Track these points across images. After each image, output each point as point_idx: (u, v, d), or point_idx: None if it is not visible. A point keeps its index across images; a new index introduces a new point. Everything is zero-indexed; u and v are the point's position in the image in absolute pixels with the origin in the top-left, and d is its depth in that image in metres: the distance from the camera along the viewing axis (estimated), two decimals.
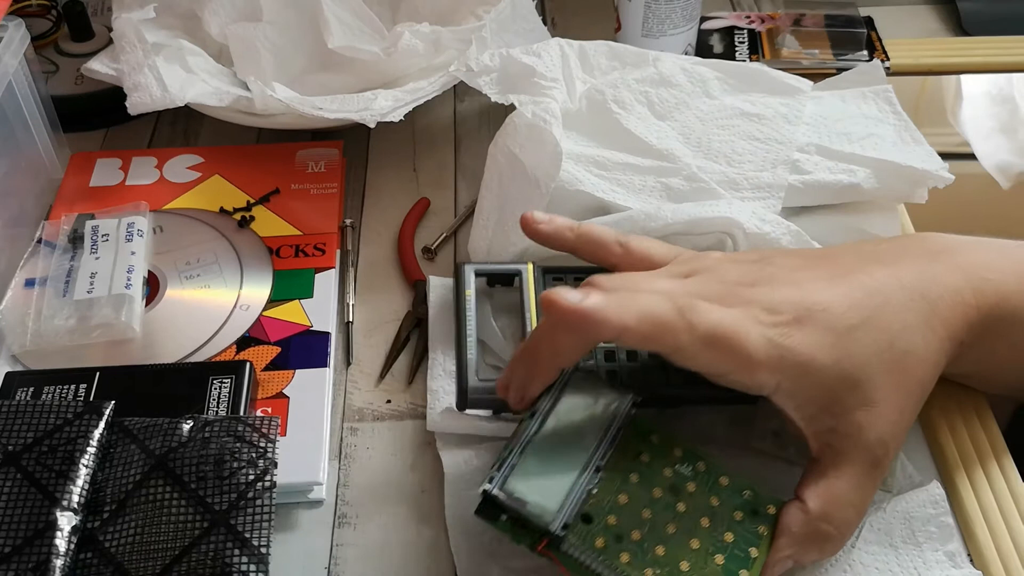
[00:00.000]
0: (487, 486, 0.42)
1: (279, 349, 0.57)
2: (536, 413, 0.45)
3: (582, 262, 0.59)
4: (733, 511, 0.44)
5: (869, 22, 0.82)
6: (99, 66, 0.70)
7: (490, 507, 0.43)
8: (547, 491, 0.42)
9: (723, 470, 0.45)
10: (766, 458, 0.51)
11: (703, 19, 0.81)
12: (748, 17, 0.83)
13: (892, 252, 0.49)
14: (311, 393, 0.55)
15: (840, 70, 0.75)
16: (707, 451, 0.46)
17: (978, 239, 0.51)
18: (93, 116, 0.76)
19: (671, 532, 0.43)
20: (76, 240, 0.62)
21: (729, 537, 0.43)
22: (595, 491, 0.43)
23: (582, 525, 0.42)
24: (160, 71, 0.68)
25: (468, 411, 0.52)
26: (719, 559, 0.43)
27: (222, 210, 0.66)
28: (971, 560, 0.47)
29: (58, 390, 0.52)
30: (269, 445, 0.48)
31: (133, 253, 0.61)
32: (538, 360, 0.45)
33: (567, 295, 0.42)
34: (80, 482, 0.46)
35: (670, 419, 0.53)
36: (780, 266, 0.48)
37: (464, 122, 0.76)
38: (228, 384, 0.53)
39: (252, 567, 0.44)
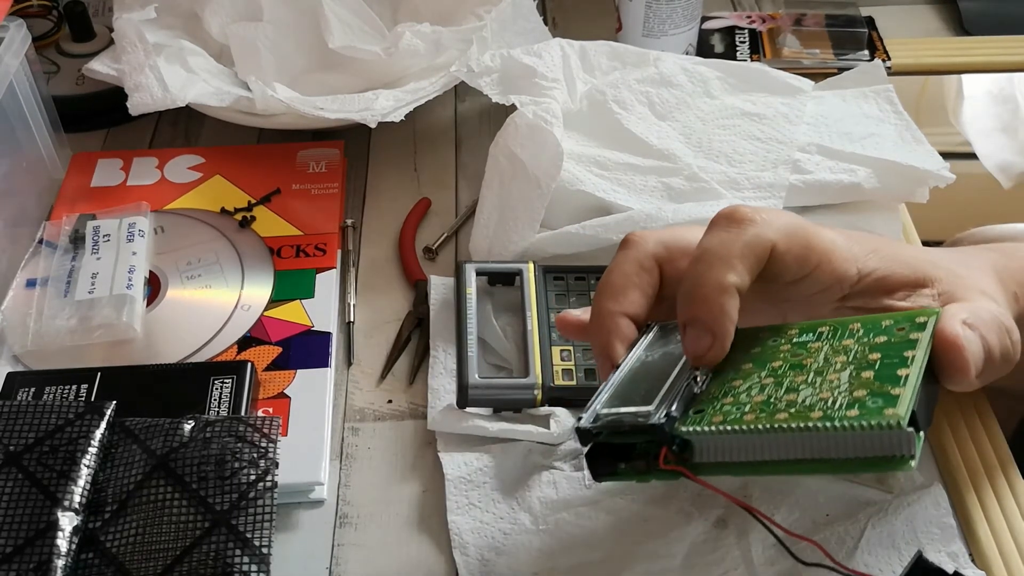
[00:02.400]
0: (578, 424, 0.38)
1: (280, 349, 0.57)
2: (619, 365, 0.41)
3: (582, 262, 0.60)
4: (875, 338, 0.39)
5: (870, 22, 0.82)
6: (100, 66, 0.70)
7: (601, 460, 0.39)
8: (641, 400, 0.38)
9: (852, 320, 0.41)
10: None
11: (704, 19, 0.81)
12: (749, 17, 0.83)
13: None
14: (312, 393, 0.55)
15: (841, 70, 0.75)
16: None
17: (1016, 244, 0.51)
18: (94, 116, 0.76)
19: (802, 379, 0.38)
20: (77, 240, 0.62)
21: (875, 356, 0.38)
22: (700, 390, 0.39)
23: (693, 416, 0.38)
24: (161, 71, 0.68)
25: (468, 409, 0.52)
26: (867, 374, 0.37)
27: (223, 210, 0.66)
28: (973, 560, 0.47)
29: (59, 390, 0.52)
30: (270, 445, 0.48)
31: (134, 253, 0.61)
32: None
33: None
34: (81, 482, 0.46)
35: None
36: None
37: (465, 122, 0.76)
38: (229, 384, 0.53)
39: (253, 567, 0.44)
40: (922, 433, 0.35)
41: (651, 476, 0.39)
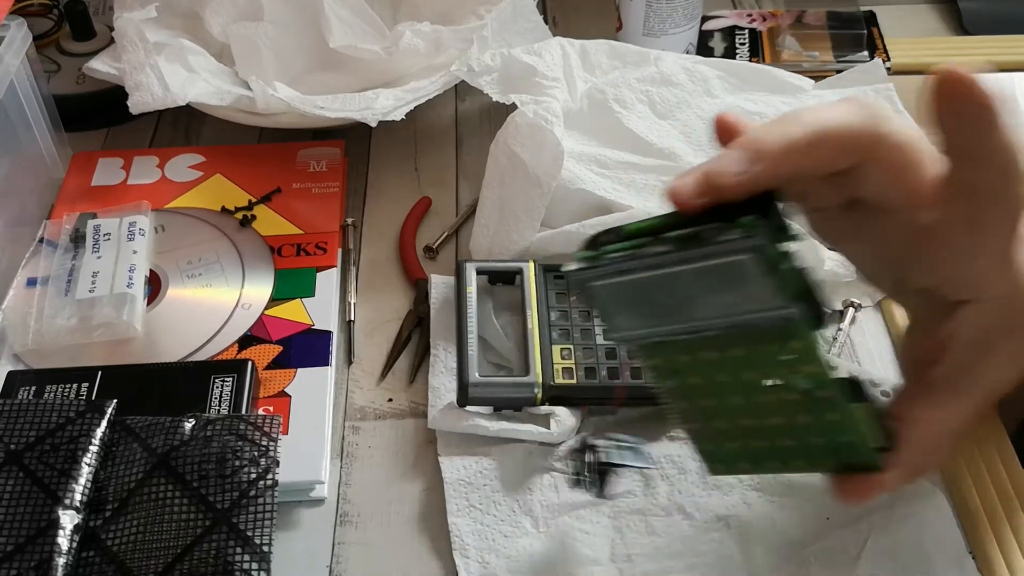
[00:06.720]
0: (570, 264, 0.37)
1: (281, 348, 0.57)
2: (682, 246, 0.34)
3: None
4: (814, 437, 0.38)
5: (871, 17, 0.82)
6: (101, 65, 0.70)
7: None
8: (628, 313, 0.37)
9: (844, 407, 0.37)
10: None
11: (704, 19, 0.81)
12: (749, 15, 0.83)
13: None
14: (313, 392, 0.55)
15: (841, 71, 0.74)
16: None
17: None
18: (95, 115, 0.76)
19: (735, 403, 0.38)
20: (78, 239, 0.62)
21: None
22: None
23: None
24: (161, 70, 0.68)
25: (469, 407, 0.52)
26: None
27: (224, 209, 0.66)
28: (979, 570, 0.47)
29: (60, 389, 0.52)
30: (271, 444, 0.48)
31: (135, 252, 0.61)
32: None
33: None
34: (82, 481, 0.46)
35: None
36: None
37: (465, 121, 0.76)
38: (230, 383, 0.53)
39: (254, 565, 0.44)
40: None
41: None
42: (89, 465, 0.47)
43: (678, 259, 0.34)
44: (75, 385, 0.53)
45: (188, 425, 0.48)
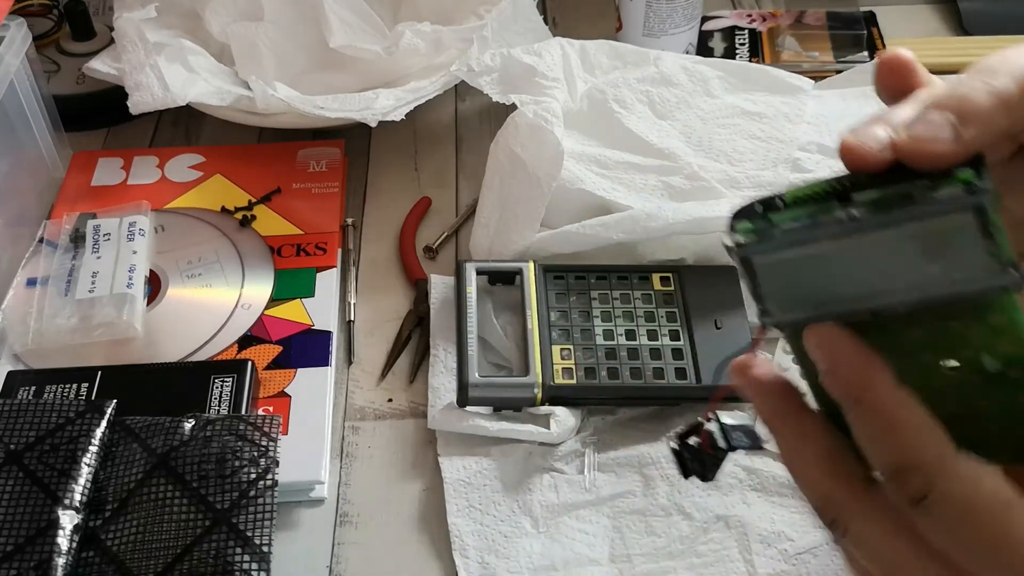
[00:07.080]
0: (736, 237, 0.31)
1: (280, 348, 0.57)
2: (883, 207, 0.29)
3: (582, 261, 0.60)
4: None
5: (871, 18, 0.82)
6: (101, 65, 0.70)
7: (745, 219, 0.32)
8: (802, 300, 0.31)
9: None
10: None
11: (704, 19, 0.81)
12: (749, 16, 0.83)
13: None
14: (313, 392, 0.55)
15: (840, 72, 0.75)
16: None
17: None
18: (95, 115, 0.76)
19: None
20: (78, 239, 0.62)
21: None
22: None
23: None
24: (161, 70, 0.68)
25: (469, 408, 0.52)
26: None
27: (223, 209, 0.66)
28: None
29: (60, 389, 0.52)
30: (271, 444, 0.48)
31: (135, 252, 0.61)
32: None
33: None
34: (82, 481, 0.46)
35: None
36: None
37: (465, 121, 0.76)
38: (230, 383, 0.53)
39: (254, 565, 0.44)
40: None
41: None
42: (89, 465, 0.47)
43: (877, 223, 0.29)
44: (75, 385, 0.53)
45: (188, 425, 0.48)
